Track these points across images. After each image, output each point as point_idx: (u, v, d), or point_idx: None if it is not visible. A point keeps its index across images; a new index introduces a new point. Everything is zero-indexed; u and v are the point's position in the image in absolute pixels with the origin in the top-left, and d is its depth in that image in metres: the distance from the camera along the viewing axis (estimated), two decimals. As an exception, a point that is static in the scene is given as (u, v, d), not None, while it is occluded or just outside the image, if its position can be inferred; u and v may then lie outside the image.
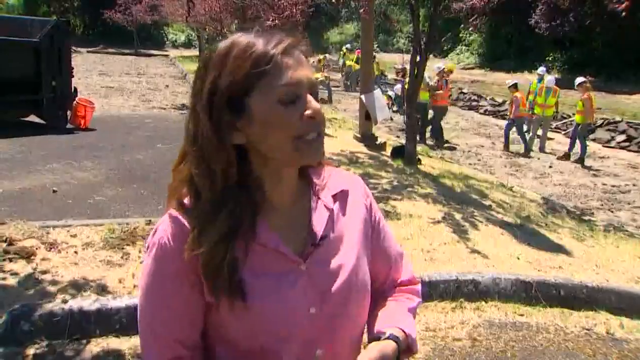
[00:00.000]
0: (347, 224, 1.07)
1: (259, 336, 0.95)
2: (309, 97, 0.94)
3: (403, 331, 1.08)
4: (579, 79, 11.84)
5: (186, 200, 0.98)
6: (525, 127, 12.21)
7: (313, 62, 21.03)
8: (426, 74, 9.07)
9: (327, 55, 22.98)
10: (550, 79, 12.37)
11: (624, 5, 20.15)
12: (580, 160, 10.99)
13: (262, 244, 0.95)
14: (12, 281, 3.48)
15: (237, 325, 0.95)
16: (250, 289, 0.93)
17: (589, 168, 10.78)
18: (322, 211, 1.04)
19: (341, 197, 1.08)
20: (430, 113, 12.33)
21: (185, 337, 0.98)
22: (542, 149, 12.08)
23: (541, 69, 14.27)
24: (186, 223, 0.95)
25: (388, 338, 1.04)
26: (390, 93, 14.23)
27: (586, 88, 11.25)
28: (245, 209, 0.94)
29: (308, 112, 0.93)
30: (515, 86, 12.01)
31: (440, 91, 12.01)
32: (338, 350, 1.02)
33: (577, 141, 11.21)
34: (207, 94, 0.92)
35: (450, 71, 12.15)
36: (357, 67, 19.56)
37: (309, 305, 0.98)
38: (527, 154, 11.61)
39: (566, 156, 11.19)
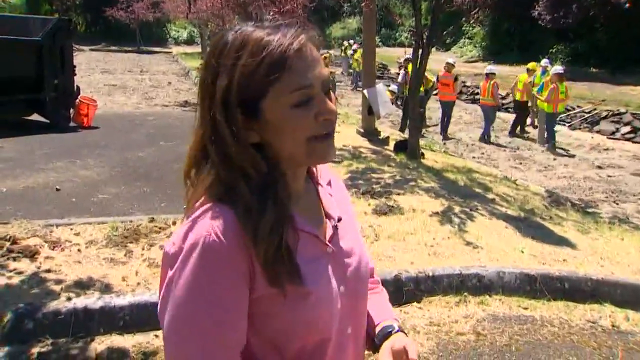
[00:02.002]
0: (343, 208, 1.12)
1: (319, 322, 0.96)
2: (324, 97, 0.93)
3: (397, 321, 1.18)
4: (555, 68, 12.03)
5: (216, 198, 0.92)
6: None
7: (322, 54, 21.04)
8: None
9: (331, 52, 22.97)
10: (558, 68, 12.21)
11: (627, -3, 19.99)
12: (552, 147, 11.17)
13: (302, 230, 0.96)
14: (16, 280, 3.49)
15: (293, 316, 0.93)
16: (305, 274, 0.93)
17: (565, 152, 11.05)
18: (327, 197, 1.09)
19: (331, 184, 1.13)
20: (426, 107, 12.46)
21: (242, 341, 0.93)
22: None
23: (544, 61, 14.21)
24: (228, 216, 0.89)
25: (398, 331, 1.14)
26: (392, 87, 14.17)
27: (558, 78, 11.23)
28: (282, 197, 0.94)
29: (324, 114, 0.93)
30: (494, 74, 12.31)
31: (448, 86, 12.16)
32: (358, 326, 1.09)
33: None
34: (222, 97, 0.89)
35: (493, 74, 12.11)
36: (356, 64, 19.58)
37: (339, 285, 1.01)
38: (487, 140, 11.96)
39: (551, 149, 11.23)
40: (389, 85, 14.02)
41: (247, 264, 0.90)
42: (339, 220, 1.06)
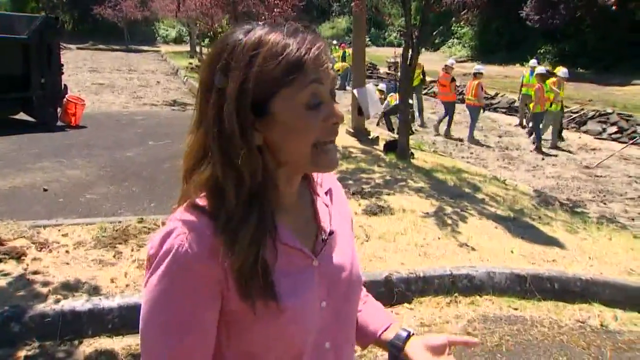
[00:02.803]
0: (340, 219, 1.10)
1: (293, 338, 0.94)
2: (332, 103, 0.93)
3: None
4: (539, 69, 12.21)
5: (200, 202, 0.91)
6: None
7: None
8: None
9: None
10: (564, 71, 12.23)
11: (613, 0, 20.19)
12: (537, 149, 11.25)
13: (284, 243, 0.94)
14: (2, 282, 3.44)
15: (266, 331, 0.92)
16: (280, 289, 0.91)
17: (547, 154, 11.08)
18: (322, 207, 1.07)
19: (330, 194, 1.11)
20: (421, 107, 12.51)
21: (208, 356, 0.92)
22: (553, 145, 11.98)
23: (532, 62, 14.31)
24: (205, 226, 0.88)
25: (410, 334, 1.15)
26: (381, 86, 14.20)
27: (541, 78, 11.53)
28: (268, 208, 0.92)
29: (332, 118, 0.92)
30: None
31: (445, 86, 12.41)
32: (341, 342, 1.06)
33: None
34: (235, 95, 0.87)
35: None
36: (339, 66, 19.58)
37: (321, 300, 0.99)
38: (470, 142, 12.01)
39: (539, 149, 11.30)
40: (378, 85, 14.04)
41: (220, 277, 0.88)
42: (331, 233, 1.04)
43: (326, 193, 1.10)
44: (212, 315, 0.90)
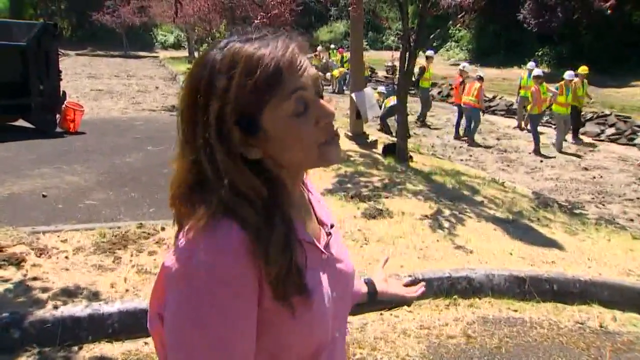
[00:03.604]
0: (328, 213, 1.13)
1: (318, 333, 0.96)
2: (319, 102, 0.92)
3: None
4: (535, 71, 12.36)
5: (218, 218, 0.87)
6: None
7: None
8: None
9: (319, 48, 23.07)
10: (570, 73, 12.20)
11: (609, 4, 20.25)
12: (535, 151, 11.27)
13: (303, 240, 0.95)
14: (1, 288, 3.44)
15: (298, 328, 0.92)
16: (309, 286, 0.92)
17: (545, 156, 11.11)
18: (317, 202, 1.09)
19: (313, 190, 1.14)
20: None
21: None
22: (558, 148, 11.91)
23: (530, 64, 14.35)
24: (240, 235, 0.85)
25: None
26: (381, 89, 14.23)
27: (537, 80, 11.69)
28: (287, 210, 0.92)
29: (323, 118, 0.92)
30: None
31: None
32: (343, 329, 1.10)
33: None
34: (216, 121, 0.85)
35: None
36: (337, 73, 19.62)
37: (332, 291, 1.01)
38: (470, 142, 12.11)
39: (537, 152, 11.31)
40: (376, 88, 14.08)
41: (257, 282, 0.86)
42: (332, 226, 1.08)
43: (309, 190, 1.13)
44: (255, 326, 0.88)
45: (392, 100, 11.42)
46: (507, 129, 14.19)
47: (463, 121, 12.57)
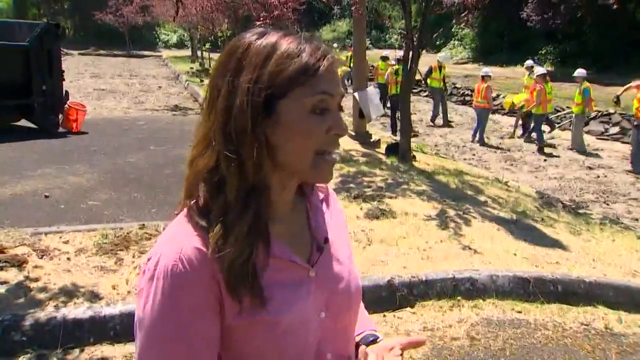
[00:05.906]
0: (336, 226, 1.09)
1: (291, 349, 0.94)
2: (338, 114, 0.94)
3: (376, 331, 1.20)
4: (539, 70, 12.22)
5: (197, 208, 0.91)
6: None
7: None
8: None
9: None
10: (581, 71, 12.09)
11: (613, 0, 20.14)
12: (539, 150, 11.28)
13: (277, 257, 0.93)
14: (2, 290, 3.43)
15: (264, 344, 0.91)
16: (275, 302, 0.91)
17: (549, 155, 11.09)
18: (318, 215, 1.06)
19: (326, 200, 1.11)
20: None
21: None
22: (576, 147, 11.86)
23: (528, 62, 14.27)
24: (204, 239, 0.87)
25: (377, 339, 1.14)
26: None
27: (543, 79, 11.54)
28: (264, 209, 0.91)
29: (335, 129, 0.93)
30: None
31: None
32: (341, 351, 1.05)
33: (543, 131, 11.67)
34: (247, 89, 0.87)
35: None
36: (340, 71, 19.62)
37: (319, 311, 0.99)
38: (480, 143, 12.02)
39: (541, 150, 11.33)
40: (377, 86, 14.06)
41: (216, 292, 0.88)
42: (325, 241, 1.03)
43: (322, 201, 1.10)
44: (215, 332, 0.89)
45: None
46: (511, 128, 14.12)
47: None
